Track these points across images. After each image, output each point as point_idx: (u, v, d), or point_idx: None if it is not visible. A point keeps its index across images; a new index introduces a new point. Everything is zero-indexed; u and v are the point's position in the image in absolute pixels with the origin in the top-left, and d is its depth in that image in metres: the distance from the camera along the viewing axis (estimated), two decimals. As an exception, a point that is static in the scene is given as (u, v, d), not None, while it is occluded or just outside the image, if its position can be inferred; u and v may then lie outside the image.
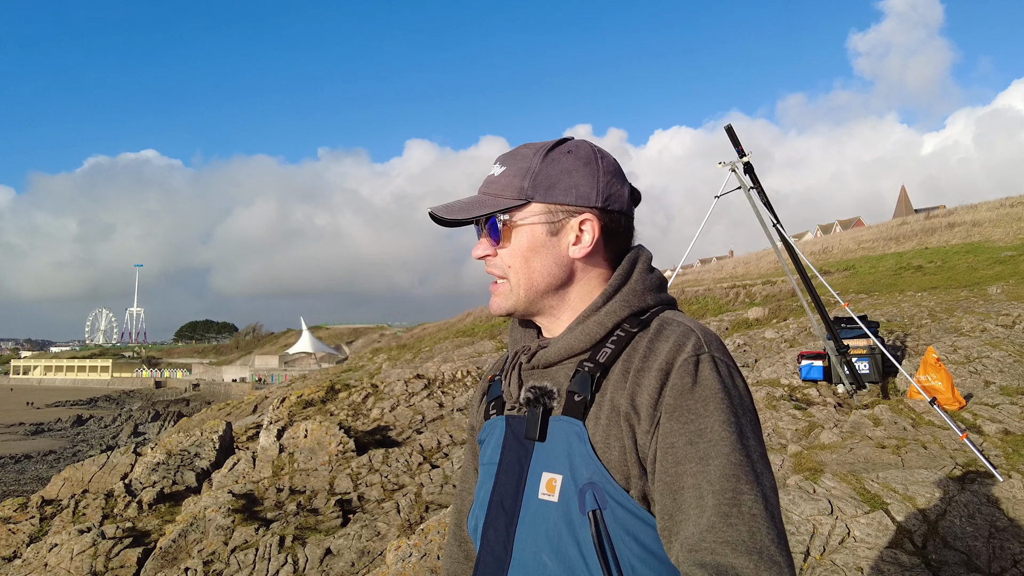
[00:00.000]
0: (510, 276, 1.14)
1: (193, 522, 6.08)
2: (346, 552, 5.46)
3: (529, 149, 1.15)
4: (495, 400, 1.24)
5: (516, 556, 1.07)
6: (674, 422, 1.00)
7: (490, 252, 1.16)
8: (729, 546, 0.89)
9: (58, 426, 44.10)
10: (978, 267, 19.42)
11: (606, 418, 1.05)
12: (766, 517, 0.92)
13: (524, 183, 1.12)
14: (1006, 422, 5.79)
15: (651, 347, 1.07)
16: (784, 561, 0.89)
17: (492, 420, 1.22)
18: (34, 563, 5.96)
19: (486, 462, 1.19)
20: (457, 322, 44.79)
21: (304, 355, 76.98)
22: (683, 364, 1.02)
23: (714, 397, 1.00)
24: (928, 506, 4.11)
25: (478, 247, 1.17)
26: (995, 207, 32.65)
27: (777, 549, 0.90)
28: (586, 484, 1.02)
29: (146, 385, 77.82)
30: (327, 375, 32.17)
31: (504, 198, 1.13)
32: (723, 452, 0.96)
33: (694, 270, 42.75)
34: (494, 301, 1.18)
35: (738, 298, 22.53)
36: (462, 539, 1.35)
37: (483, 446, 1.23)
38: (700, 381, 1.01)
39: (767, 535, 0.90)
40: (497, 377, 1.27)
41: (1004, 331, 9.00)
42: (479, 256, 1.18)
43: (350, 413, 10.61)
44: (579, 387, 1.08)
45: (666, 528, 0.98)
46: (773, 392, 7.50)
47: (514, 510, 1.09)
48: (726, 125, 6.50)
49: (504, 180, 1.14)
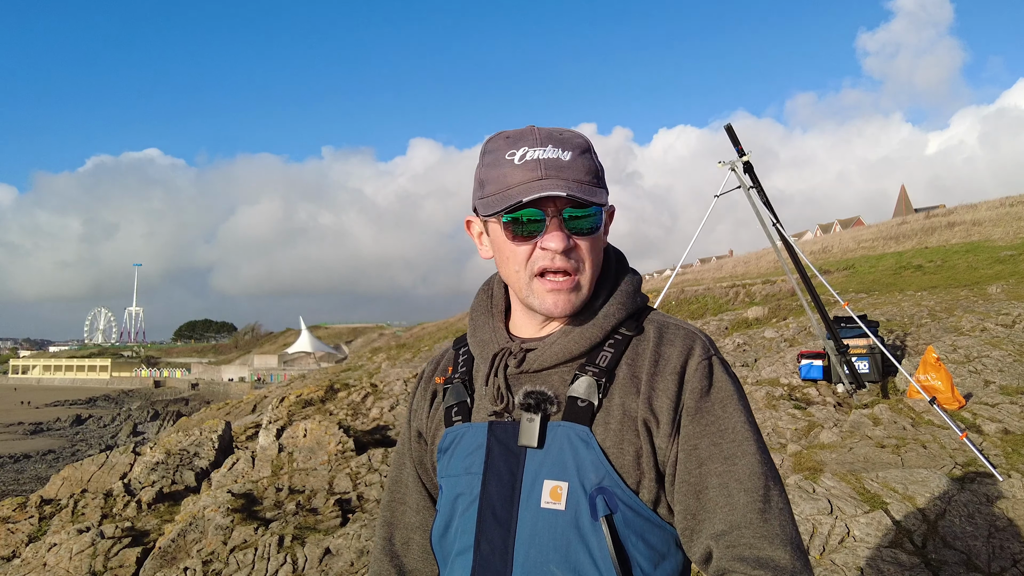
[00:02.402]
0: (587, 270, 1.08)
1: (192, 522, 6.07)
2: (345, 552, 5.46)
3: (573, 137, 1.08)
4: (457, 405, 1.17)
5: (518, 567, 1.03)
6: (696, 424, 1.02)
7: (572, 244, 1.05)
8: (767, 540, 0.94)
9: (57, 426, 44.07)
10: (978, 266, 19.41)
11: (617, 423, 1.04)
12: (789, 512, 0.98)
13: (598, 174, 1.08)
14: (1006, 421, 5.79)
15: (659, 351, 1.07)
16: (806, 552, 0.97)
17: (457, 427, 1.15)
18: (33, 563, 5.95)
19: (457, 472, 1.12)
20: (456, 321, 44.81)
21: (303, 355, 77.04)
22: (698, 367, 1.05)
23: (731, 398, 1.04)
24: (928, 506, 4.10)
25: (556, 239, 1.04)
26: (995, 206, 32.63)
27: (801, 541, 0.97)
28: (596, 490, 1.01)
29: (145, 385, 77.78)
30: (326, 375, 32.16)
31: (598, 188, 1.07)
32: (749, 451, 1.00)
33: (694, 269, 42.75)
34: (561, 299, 1.07)
35: (738, 297, 22.52)
36: (393, 554, 1.27)
37: (445, 455, 1.16)
38: (715, 383, 1.04)
39: (793, 528, 0.97)
40: (455, 379, 1.20)
41: (1004, 330, 9.00)
42: (565, 248, 1.04)
43: (349, 412, 10.61)
44: (585, 392, 1.06)
45: (689, 528, 1.00)
46: (773, 391, 7.49)
47: (510, 520, 1.05)
48: (726, 124, 6.50)
49: (582, 166, 1.05)
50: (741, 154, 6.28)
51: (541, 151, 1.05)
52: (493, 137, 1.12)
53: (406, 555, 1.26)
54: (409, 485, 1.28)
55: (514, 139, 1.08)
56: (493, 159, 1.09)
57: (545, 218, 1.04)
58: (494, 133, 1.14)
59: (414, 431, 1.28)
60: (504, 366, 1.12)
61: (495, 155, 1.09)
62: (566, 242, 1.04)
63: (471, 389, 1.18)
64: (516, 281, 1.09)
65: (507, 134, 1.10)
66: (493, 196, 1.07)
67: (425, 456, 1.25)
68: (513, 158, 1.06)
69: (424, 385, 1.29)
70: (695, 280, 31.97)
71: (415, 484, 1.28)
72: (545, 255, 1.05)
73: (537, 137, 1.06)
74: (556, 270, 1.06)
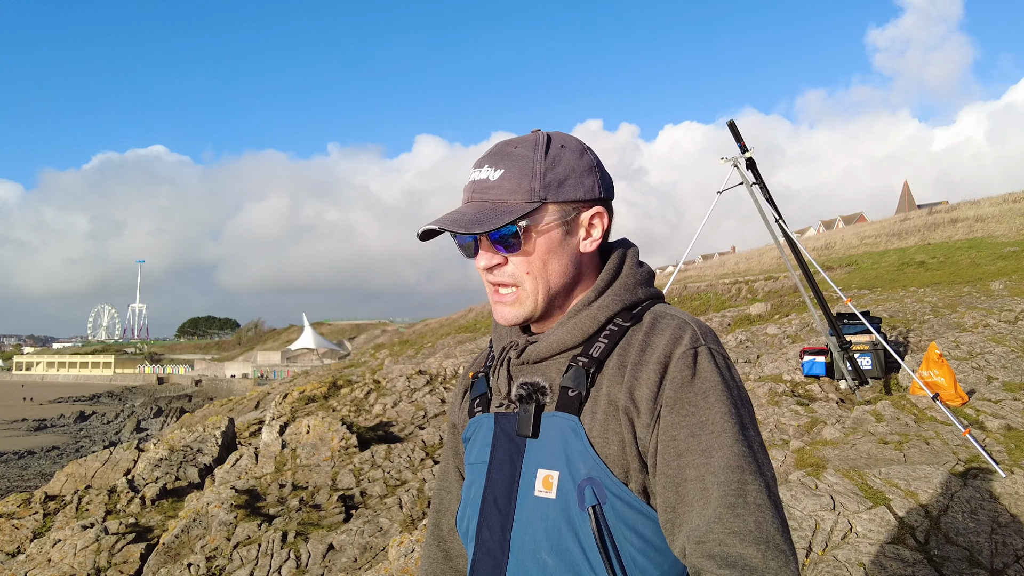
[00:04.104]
0: (525, 283, 1.09)
1: (196, 518, 6.10)
2: (348, 548, 5.47)
3: (521, 147, 1.08)
4: (479, 397, 1.21)
5: (514, 555, 1.06)
6: (675, 415, 1.00)
7: (499, 261, 1.09)
8: (737, 536, 0.90)
9: (61, 422, 44.20)
10: (981, 263, 19.36)
11: (603, 413, 1.04)
12: (770, 507, 0.93)
13: (534, 184, 1.06)
14: (1009, 418, 5.78)
15: (647, 341, 1.06)
16: (789, 550, 0.91)
17: (477, 418, 1.20)
18: (37, 558, 5.98)
19: (474, 461, 1.17)
20: (459, 318, 44.83)
21: (306, 351, 77.11)
22: (681, 357, 1.02)
23: (714, 389, 1.00)
24: (930, 502, 4.10)
25: (483, 257, 1.09)
26: (998, 202, 32.52)
27: (782, 538, 0.91)
28: (584, 480, 1.02)
29: (148, 381, 77.97)
30: (329, 371, 32.20)
31: (516, 203, 1.06)
32: (726, 443, 0.96)
33: (696, 266, 42.70)
34: (505, 311, 1.11)
35: (740, 294, 22.49)
36: (440, 539, 1.34)
37: (468, 444, 1.21)
38: (699, 373, 1.02)
39: (772, 524, 0.92)
40: (480, 374, 1.25)
41: (1007, 327, 8.98)
42: (489, 267, 1.09)
43: (352, 409, 10.63)
44: (573, 382, 1.07)
45: (669, 521, 0.98)
46: (775, 388, 7.49)
47: (509, 508, 1.08)
48: (728, 120, 6.49)
49: (507, 183, 1.06)
50: (744, 150, 6.26)
51: (477, 171, 1.10)
52: None
53: (452, 540, 1.32)
54: (451, 475, 1.34)
55: (483, 154, 1.12)
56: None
57: (475, 238, 1.09)
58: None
59: (451, 423, 1.35)
60: (507, 358, 1.16)
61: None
62: (491, 260, 1.09)
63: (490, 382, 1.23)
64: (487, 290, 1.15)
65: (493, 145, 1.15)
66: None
67: (459, 446, 1.31)
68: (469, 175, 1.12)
69: (461, 380, 1.35)
70: (698, 276, 31.93)
71: (455, 474, 1.33)
72: (483, 273, 1.12)
73: (486, 155, 1.11)
74: (496, 285, 1.11)
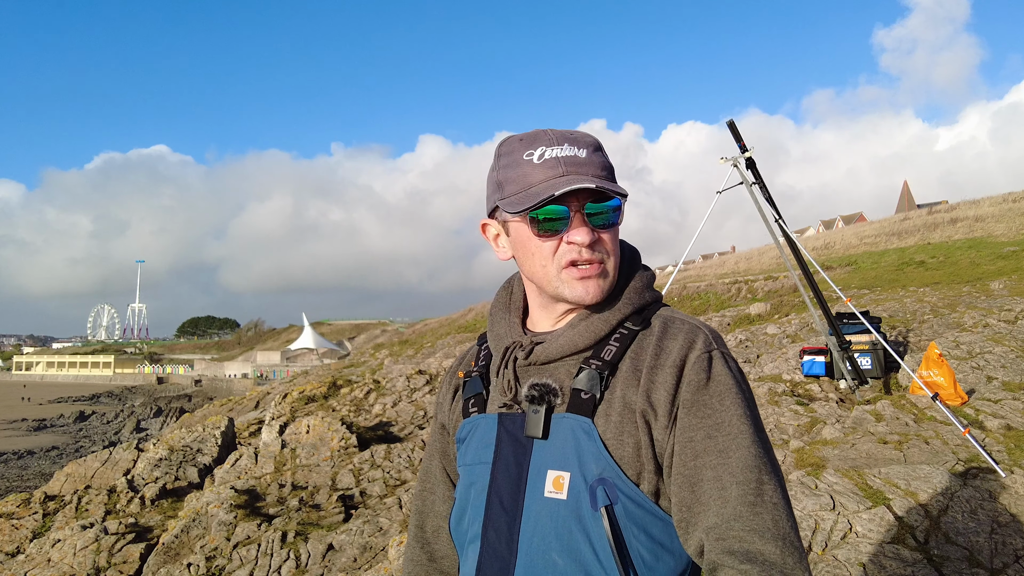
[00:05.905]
0: (609, 260, 1.12)
1: (195, 518, 6.09)
2: (348, 547, 5.47)
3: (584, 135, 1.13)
4: (474, 397, 1.21)
5: (522, 555, 1.06)
6: (692, 417, 1.03)
7: (596, 237, 1.10)
8: (756, 533, 0.93)
9: (60, 422, 44.22)
10: (980, 262, 19.35)
11: (618, 415, 1.06)
12: (785, 506, 0.97)
13: (611, 170, 1.12)
14: (1008, 418, 5.78)
15: (661, 345, 1.09)
16: (801, 547, 0.95)
17: (473, 418, 1.19)
18: (37, 558, 5.98)
19: (471, 462, 1.17)
20: (459, 317, 44.84)
21: (306, 351, 77.11)
22: (697, 361, 1.05)
23: (729, 392, 1.03)
24: (930, 502, 4.10)
25: (579, 232, 1.07)
26: (998, 202, 32.54)
27: (796, 536, 0.95)
28: (597, 480, 1.03)
29: (148, 381, 77.94)
30: (329, 371, 32.21)
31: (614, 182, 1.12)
32: (743, 444, 0.99)
33: (696, 266, 42.69)
34: (594, 284, 1.10)
35: (740, 294, 22.50)
36: (424, 540, 1.33)
37: (463, 445, 1.21)
38: (714, 377, 1.05)
39: (787, 522, 0.95)
40: (474, 373, 1.25)
41: (1007, 327, 8.98)
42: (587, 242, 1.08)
43: (352, 409, 10.63)
44: (587, 385, 1.08)
45: (684, 520, 1.00)
46: (775, 388, 7.49)
47: (516, 509, 1.09)
48: (728, 120, 6.48)
49: (600, 163, 1.11)
50: (743, 150, 6.26)
51: (559, 149, 1.08)
52: (506, 140, 1.15)
53: (437, 541, 1.32)
54: (437, 475, 1.33)
55: (528, 140, 1.11)
56: (510, 160, 1.11)
57: (570, 213, 1.07)
58: (505, 137, 1.16)
59: (439, 423, 1.34)
60: (513, 359, 1.16)
61: (512, 156, 1.11)
62: (591, 235, 1.08)
63: (487, 382, 1.22)
64: (543, 276, 1.12)
65: (520, 137, 1.13)
66: (516, 195, 1.09)
67: (449, 447, 1.30)
68: (532, 158, 1.09)
69: (449, 379, 1.34)
70: (697, 276, 31.93)
71: (442, 474, 1.33)
72: (572, 249, 1.09)
73: (552, 137, 1.10)
74: (584, 262, 1.10)
